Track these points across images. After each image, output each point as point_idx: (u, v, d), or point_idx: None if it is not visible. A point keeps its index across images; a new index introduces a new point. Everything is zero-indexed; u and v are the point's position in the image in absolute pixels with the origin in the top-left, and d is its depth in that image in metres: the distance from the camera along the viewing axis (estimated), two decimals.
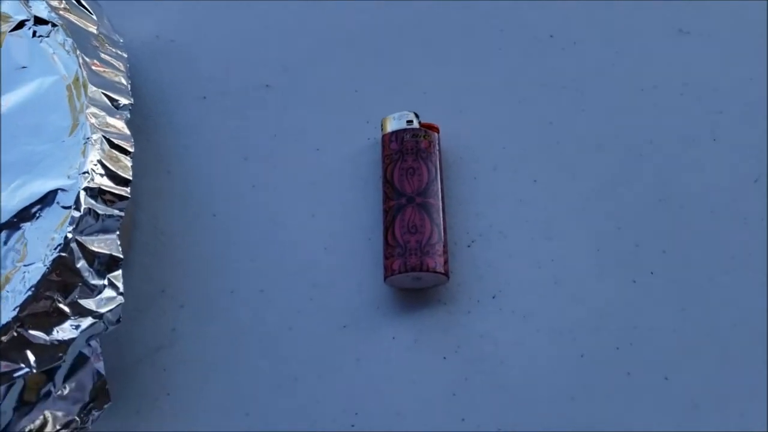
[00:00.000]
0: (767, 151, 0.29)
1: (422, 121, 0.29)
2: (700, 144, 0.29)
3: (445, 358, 0.25)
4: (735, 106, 0.30)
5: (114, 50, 0.30)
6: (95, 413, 0.23)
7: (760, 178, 0.28)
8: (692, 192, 0.28)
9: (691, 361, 0.25)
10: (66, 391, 0.23)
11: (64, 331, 0.23)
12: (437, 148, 0.29)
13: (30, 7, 0.29)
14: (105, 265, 0.24)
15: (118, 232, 0.25)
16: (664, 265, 0.26)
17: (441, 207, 0.27)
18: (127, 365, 0.26)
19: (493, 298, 0.26)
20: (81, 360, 0.23)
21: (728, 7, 0.33)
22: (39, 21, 0.29)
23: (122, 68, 0.29)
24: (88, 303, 0.23)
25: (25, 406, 0.22)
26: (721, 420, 0.24)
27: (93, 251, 0.24)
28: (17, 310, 0.22)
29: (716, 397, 0.24)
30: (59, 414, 0.23)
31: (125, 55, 0.30)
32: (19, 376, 0.22)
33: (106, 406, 0.23)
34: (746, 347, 0.25)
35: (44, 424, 0.22)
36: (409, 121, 0.29)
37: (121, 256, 0.24)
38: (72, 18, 0.30)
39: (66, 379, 0.23)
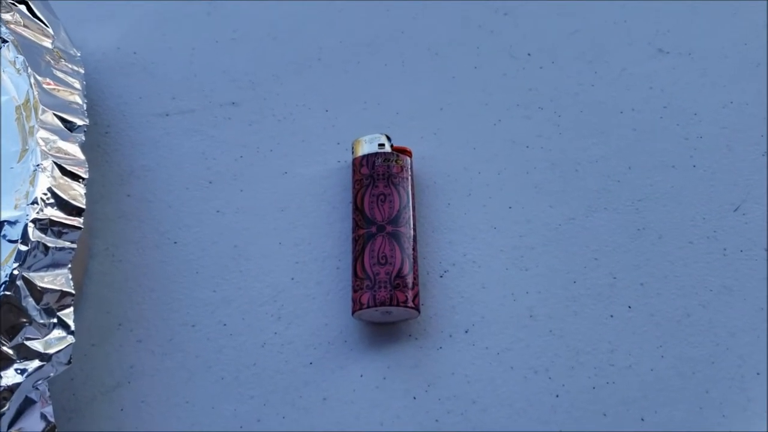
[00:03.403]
0: (746, 179, 0.28)
1: (395, 144, 0.28)
2: (679, 170, 0.28)
3: (415, 397, 0.24)
4: (715, 131, 0.29)
5: (70, 66, 0.28)
6: None
7: (739, 207, 0.27)
8: (670, 221, 0.27)
9: (668, 402, 0.24)
10: None
11: (9, 377, 0.21)
12: (410, 173, 0.28)
13: None
14: (55, 302, 0.22)
15: (69, 266, 0.23)
16: (641, 299, 0.26)
17: (413, 236, 0.26)
18: (81, 405, 0.24)
19: (466, 332, 0.25)
20: (27, 405, 0.22)
21: (708, 28, 0.32)
22: None
23: (78, 86, 0.28)
24: (35, 345, 0.22)
25: None
26: None
27: (42, 288, 0.22)
28: None
29: None
30: None
31: (82, 71, 0.29)
32: None
33: None
34: (725, 387, 0.24)
35: None
36: (381, 145, 0.28)
37: (73, 292, 0.23)
38: (24, 32, 0.28)
39: (11, 426, 0.21)
